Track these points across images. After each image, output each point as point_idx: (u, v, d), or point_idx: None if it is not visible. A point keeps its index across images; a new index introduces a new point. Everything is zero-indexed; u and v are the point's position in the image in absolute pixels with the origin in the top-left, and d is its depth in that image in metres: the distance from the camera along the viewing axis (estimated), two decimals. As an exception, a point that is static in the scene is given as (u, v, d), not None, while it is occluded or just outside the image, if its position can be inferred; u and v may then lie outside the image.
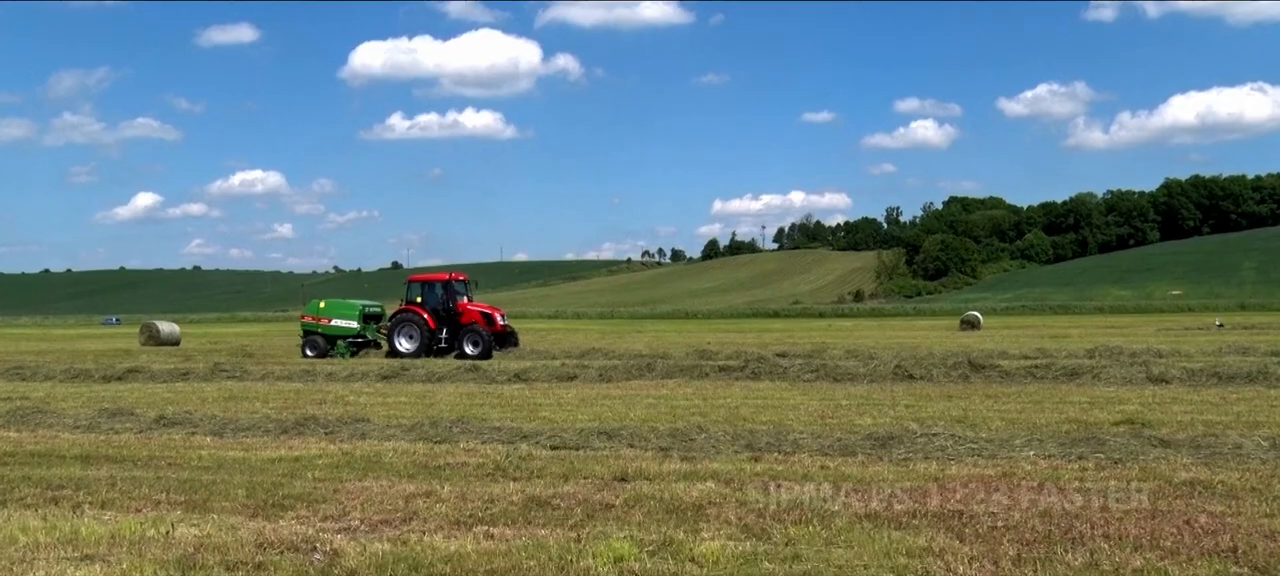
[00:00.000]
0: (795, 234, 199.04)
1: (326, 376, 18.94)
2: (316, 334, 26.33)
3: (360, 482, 8.26)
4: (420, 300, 25.71)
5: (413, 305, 25.62)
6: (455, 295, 25.90)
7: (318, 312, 26.74)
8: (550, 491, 7.74)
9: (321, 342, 25.94)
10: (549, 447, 9.87)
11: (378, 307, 28.24)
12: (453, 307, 25.56)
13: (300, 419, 12.16)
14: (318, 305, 27.04)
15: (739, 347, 26.84)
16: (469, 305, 25.90)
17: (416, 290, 26.06)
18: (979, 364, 17.74)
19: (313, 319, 26.73)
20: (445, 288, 25.97)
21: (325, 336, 26.14)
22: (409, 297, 25.98)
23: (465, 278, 27.47)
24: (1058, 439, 9.73)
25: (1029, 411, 12.17)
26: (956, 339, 32.18)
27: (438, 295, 25.82)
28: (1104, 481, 7.72)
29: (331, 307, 27.02)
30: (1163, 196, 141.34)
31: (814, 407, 12.99)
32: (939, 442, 9.54)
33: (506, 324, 26.44)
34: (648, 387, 16.34)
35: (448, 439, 10.51)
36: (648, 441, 10.05)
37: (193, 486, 8.18)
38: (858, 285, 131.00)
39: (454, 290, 25.99)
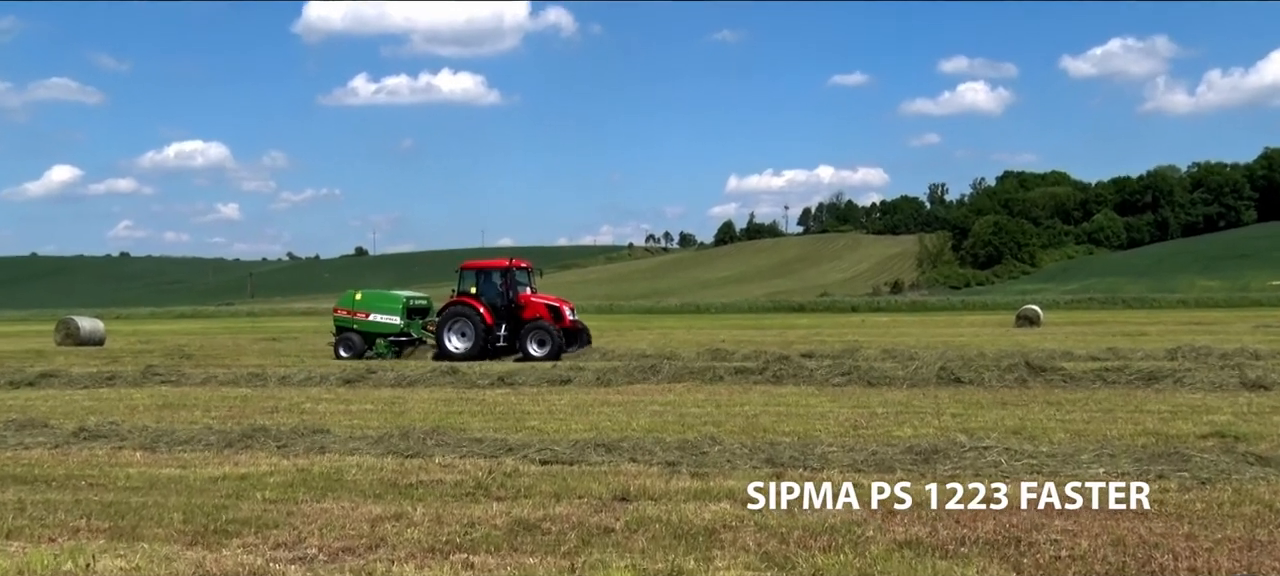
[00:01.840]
0: (823, 215, 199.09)
1: (279, 381, 18.99)
2: (351, 331, 26.10)
3: (318, 504, 8.28)
4: (475, 291, 25.49)
5: (466, 297, 25.38)
6: (516, 285, 25.74)
7: (353, 305, 26.58)
8: (539, 513, 7.76)
9: (358, 341, 25.75)
10: (538, 462, 9.90)
11: (424, 300, 28.17)
12: (513, 299, 25.41)
13: (248, 430, 12.18)
14: (353, 297, 26.88)
15: (758, 347, 26.85)
16: (532, 297, 25.79)
17: (470, 279, 25.88)
18: (1039, 366, 17.73)
19: (347, 313, 26.57)
20: (504, 276, 25.73)
21: (362, 333, 26.03)
22: (461, 288, 25.76)
23: (528, 265, 27.26)
24: (1133, 454, 9.73)
25: (1098, 422, 12.19)
26: (1012, 337, 32.18)
27: (496, 285, 25.66)
28: (1189, 505, 7.74)
29: (369, 300, 26.83)
30: (1261, 169, 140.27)
31: (845, 416, 13.02)
32: (991, 458, 9.56)
33: (577, 319, 26.26)
34: (652, 393, 16.37)
35: (421, 452, 10.55)
36: (653, 455, 10.09)
37: (119, 510, 8.20)
38: (896, 274, 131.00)
39: (514, 279, 25.80)
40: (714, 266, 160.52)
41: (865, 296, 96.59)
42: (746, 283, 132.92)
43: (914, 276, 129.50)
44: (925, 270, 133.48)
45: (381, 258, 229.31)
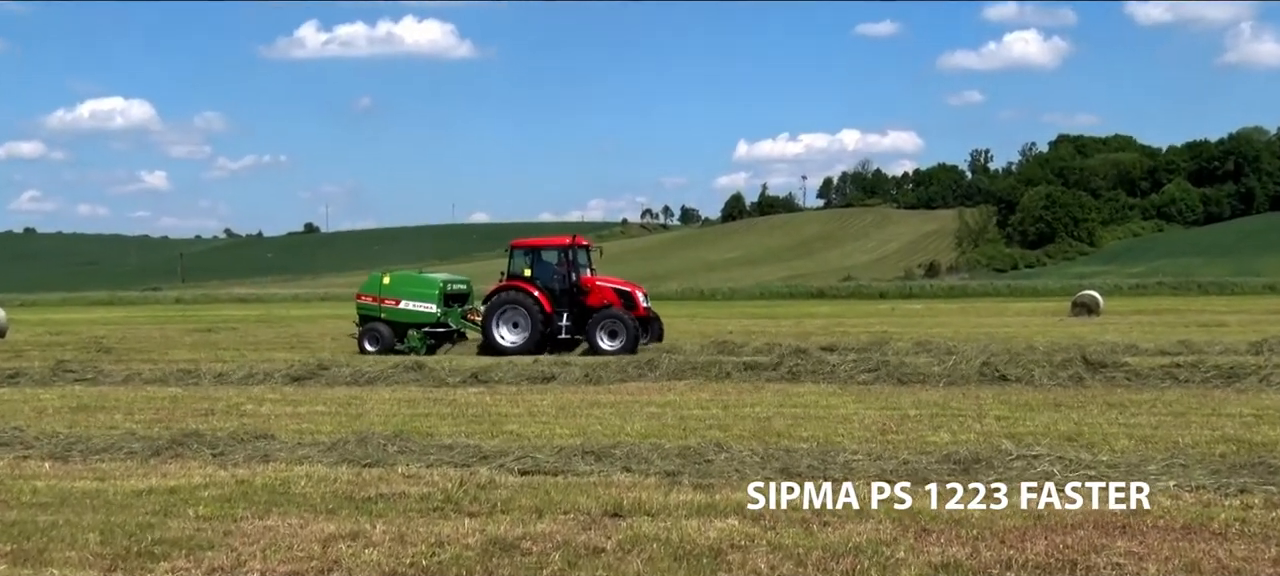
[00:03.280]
0: (847, 187, 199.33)
1: (215, 378, 18.98)
2: (378, 320, 25.91)
3: (261, 521, 8.29)
4: (530, 274, 25.33)
5: (518, 281, 25.22)
6: (578, 267, 25.65)
7: (380, 290, 26.26)
8: (518, 531, 7.79)
9: (386, 332, 25.52)
10: (517, 472, 9.94)
11: (463, 284, 27.96)
12: (575, 283, 25.35)
13: (178, 436, 12.18)
14: (380, 281, 26.55)
15: (772, 338, 26.92)
16: (597, 280, 25.75)
17: (523, 260, 25.65)
18: (1098, 361, 17.80)
19: (373, 299, 26.23)
20: (565, 256, 25.67)
21: (392, 323, 25.87)
22: (513, 270, 25.54)
23: (588, 243, 27.16)
24: (1209, 465, 9.77)
25: (1168, 427, 12.24)
26: (1067, 328, 32.24)
27: (554, 267, 25.58)
28: (1277, 525, 7.77)
29: (400, 284, 26.48)
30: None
31: (872, 420, 13.07)
32: (1042, 468, 9.59)
33: (649, 306, 26.18)
34: (649, 391, 16.42)
35: (381, 461, 10.57)
36: (649, 464, 10.11)
37: (24, 531, 8.20)
38: (931, 255, 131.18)
39: (576, 260, 25.69)
40: (720, 246, 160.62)
41: (895, 281, 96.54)
42: (758, 265, 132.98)
43: (952, 257, 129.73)
44: (965, 250, 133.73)
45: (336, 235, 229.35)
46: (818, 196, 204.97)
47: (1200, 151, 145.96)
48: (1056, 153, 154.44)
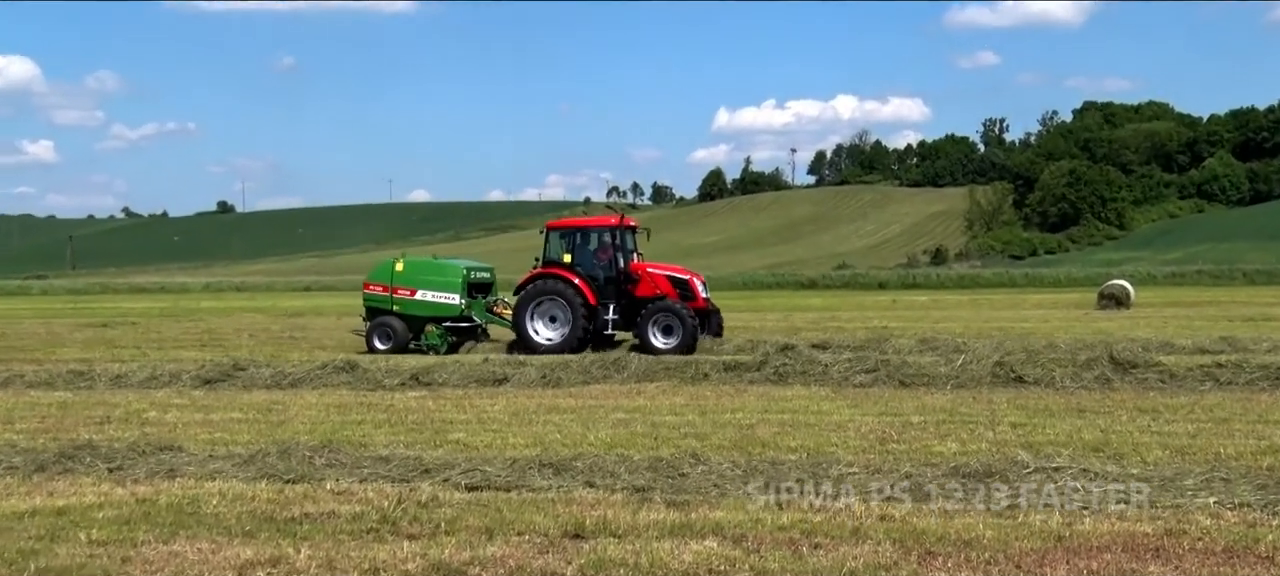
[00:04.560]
0: (842, 162, 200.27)
1: (112, 381, 18.85)
2: (390, 313, 25.73)
3: (166, 547, 8.25)
4: (569, 260, 25.01)
5: (556, 267, 24.99)
6: (626, 252, 25.42)
7: (392, 279, 25.91)
8: (465, 555, 7.79)
9: (399, 328, 25.26)
10: (464, 488, 9.95)
11: (487, 272, 27.71)
12: (624, 270, 25.12)
13: (68, 448, 12.11)
14: (392, 268, 26.20)
15: (755, 334, 26.97)
16: (648, 267, 25.49)
17: (561, 243, 25.27)
18: (1127, 361, 17.91)
19: (384, 288, 25.86)
20: (610, 239, 25.46)
21: (406, 317, 25.59)
22: (549, 255, 25.24)
23: (635, 223, 26.83)
24: (1254, 479, 9.86)
25: (1207, 435, 12.34)
26: (1092, 322, 32.50)
27: (595, 252, 25.40)
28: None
29: (415, 271, 26.12)
30: None
31: (870, 427, 13.12)
32: (1064, 482, 9.66)
33: (708, 297, 25.83)
34: (616, 395, 16.46)
35: (307, 476, 10.55)
36: (616, 478, 10.14)
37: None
38: (938, 239, 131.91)
39: (624, 244, 25.43)
40: (697, 229, 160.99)
41: (897, 269, 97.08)
42: (740, 250, 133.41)
43: (962, 242, 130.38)
44: (977, 234, 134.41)
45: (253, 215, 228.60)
46: (809, 172, 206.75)
47: (1246, 121, 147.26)
48: (1082, 122, 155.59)
